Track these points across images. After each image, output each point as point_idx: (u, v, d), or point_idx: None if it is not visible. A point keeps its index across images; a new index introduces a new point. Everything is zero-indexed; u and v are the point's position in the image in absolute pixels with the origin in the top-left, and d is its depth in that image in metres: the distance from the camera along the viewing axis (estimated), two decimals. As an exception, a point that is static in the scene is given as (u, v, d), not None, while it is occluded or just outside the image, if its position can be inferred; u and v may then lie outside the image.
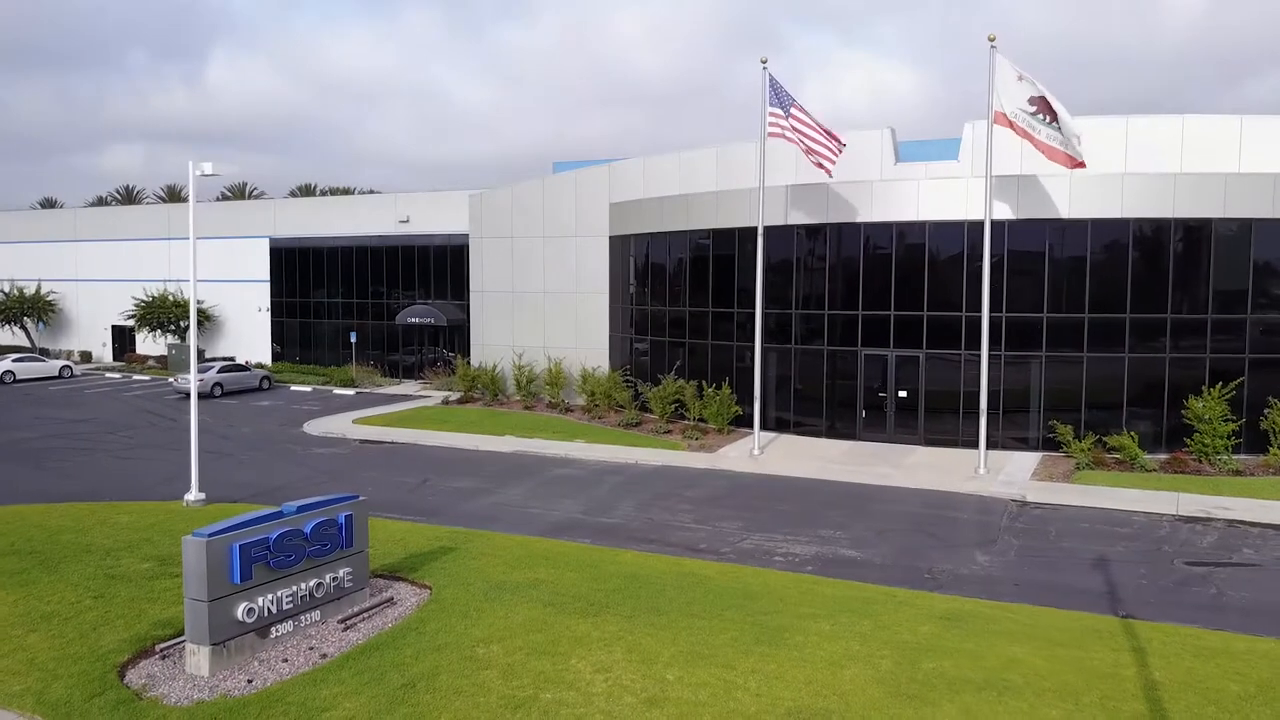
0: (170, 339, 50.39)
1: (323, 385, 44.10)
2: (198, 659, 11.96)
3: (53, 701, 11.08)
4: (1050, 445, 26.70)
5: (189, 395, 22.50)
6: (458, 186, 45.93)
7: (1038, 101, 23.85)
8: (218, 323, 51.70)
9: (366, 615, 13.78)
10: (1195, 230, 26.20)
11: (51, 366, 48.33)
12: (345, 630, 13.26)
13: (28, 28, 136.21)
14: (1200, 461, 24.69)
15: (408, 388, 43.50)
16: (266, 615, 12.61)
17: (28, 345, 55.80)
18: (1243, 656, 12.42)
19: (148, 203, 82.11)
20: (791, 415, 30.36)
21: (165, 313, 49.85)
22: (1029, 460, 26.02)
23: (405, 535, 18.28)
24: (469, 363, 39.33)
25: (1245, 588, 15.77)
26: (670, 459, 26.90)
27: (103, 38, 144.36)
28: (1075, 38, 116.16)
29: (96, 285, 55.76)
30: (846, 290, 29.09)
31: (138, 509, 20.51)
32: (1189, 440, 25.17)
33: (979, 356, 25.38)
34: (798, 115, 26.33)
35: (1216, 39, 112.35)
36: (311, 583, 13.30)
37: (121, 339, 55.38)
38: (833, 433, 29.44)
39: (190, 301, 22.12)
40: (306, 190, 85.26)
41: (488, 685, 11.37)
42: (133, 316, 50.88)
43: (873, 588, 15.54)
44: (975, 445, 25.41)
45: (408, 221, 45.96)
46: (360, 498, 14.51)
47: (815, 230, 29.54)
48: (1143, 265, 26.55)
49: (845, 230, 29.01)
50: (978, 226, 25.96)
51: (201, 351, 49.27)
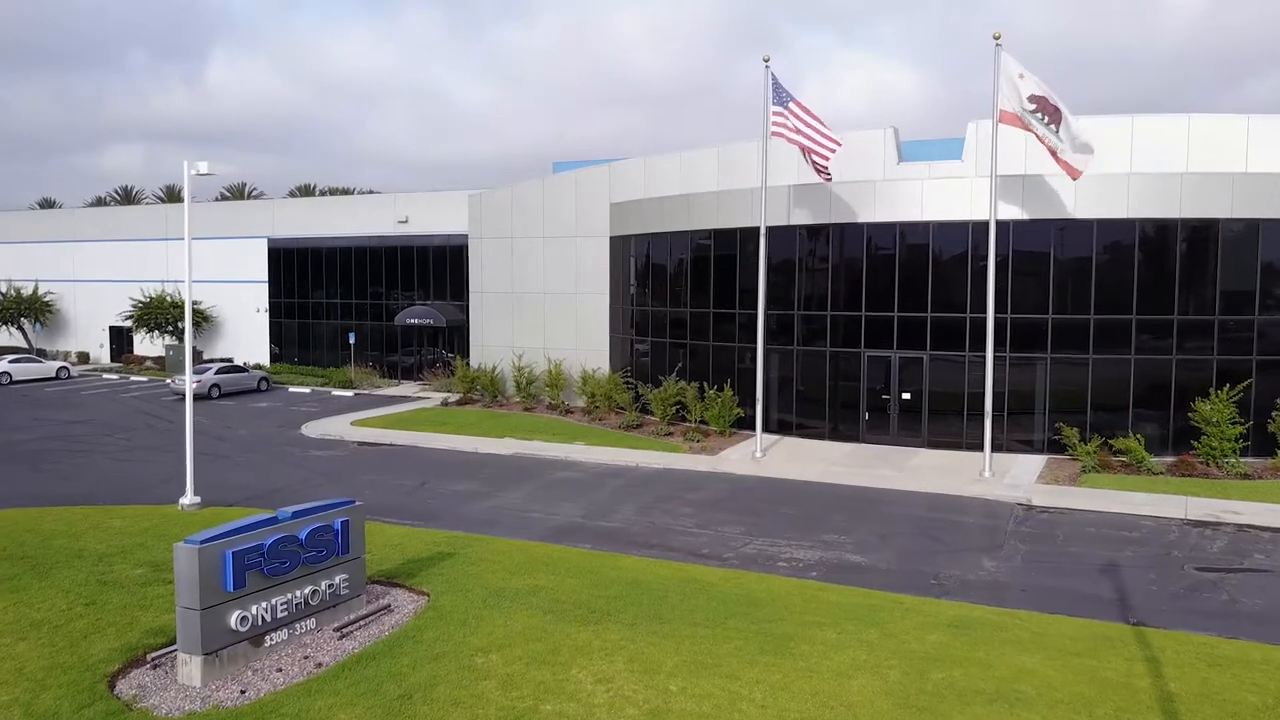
0: (168, 340, 50.08)
1: (321, 386, 43.82)
2: (190, 669, 11.70)
3: (41, 713, 10.81)
4: (1055, 448, 26.43)
5: (192, 395, 22.23)
6: (458, 186, 45.70)
7: (1038, 100, 23.57)
8: (216, 323, 51.40)
9: (363, 623, 13.51)
10: (1202, 230, 25.94)
11: (49, 367, 48.07)
12: (341, 639, 13.00)
13: (28, 28, 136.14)
14: (1208, 464, 24.41)
15: (407, 389, 43.22)
16: (260, 624, 12.35)
17: (25, 346, 55.52)
18: (1259, 666, 12.15)
19: (147, 203, 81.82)
20: (794, 417, 30.08)
21: (163, 313, 49.54)
22: (1034, 463, 25.74)
23: (403, 540, 18.02)
24: (468, 364, 39.04)
25: (1258, 594, 15.49)
26: (671, 462, 26.63)
27: (103, 38, 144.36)
28: (1075, 38, 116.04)
29: (94, 286, 55.48)
30: (849, 291, 28.82)
31: (132, 513, 20.26)
32: (1196, 443, 24.88)
33: (984, 358, 25.10)
34: (796, 111, 26.02)
35: (1216, 39, 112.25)
36: (307, 590, 13.04)
37: (119, 340, 55.09)
38: (835, 435, 29.17)
39: (186, 302, 21.85)
40: (306, 190, 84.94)
41: (486, 696, 11.11)
42: (130, 317, 50.56)
43: (879, 594, 15.27)
44: (979, 448, 25.14)
45: (407, 222, 45.66)
46: (356, 503, 14.26)
47: (818, 230, 29.27)
48: (1148, 266, 26.29)
49: (848, 230, 28.75)
50: (982, 226, 25.70)
51: (199, 352, 48.98)
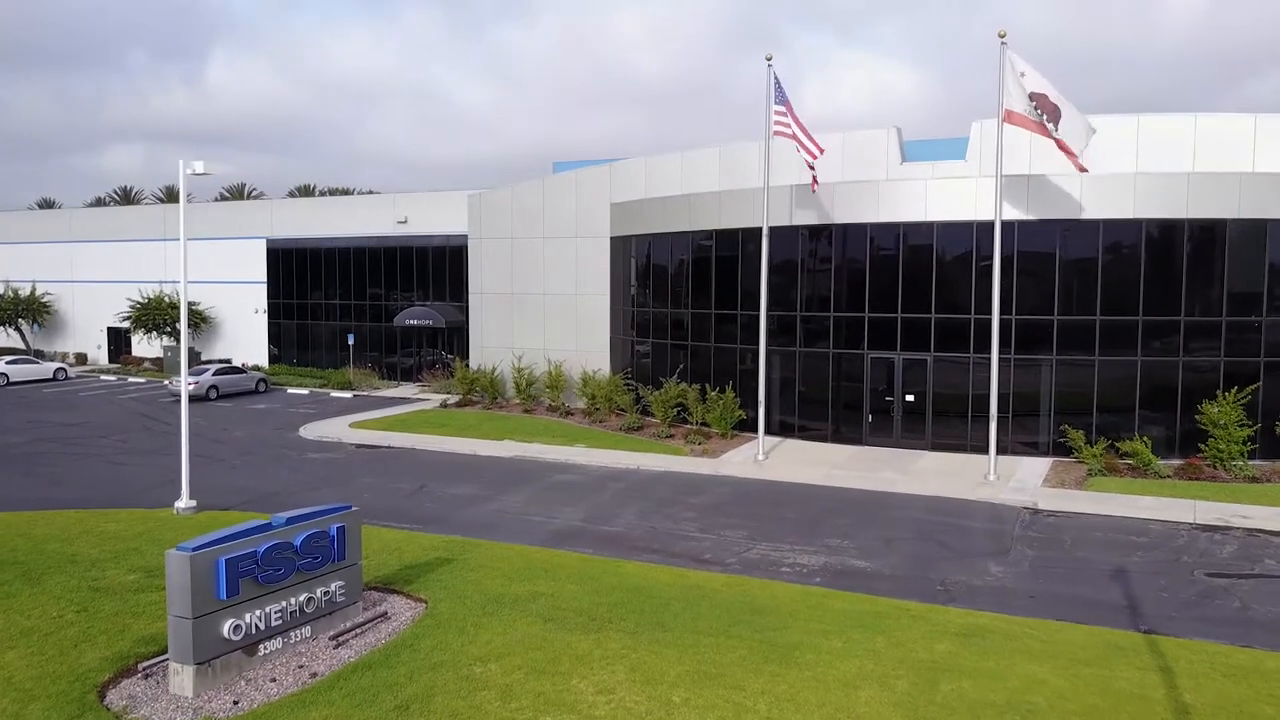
0: (166, 341, 49.80)
1: (320, 388, 43.56)
2: (181, 679, 11.44)
3: (28, 725, 10.56)
4: (1061, 450, 26.16)
5: (188, 397, 21.97)
6: (458, 187, 45.35)
7: (1038, 98, 23.29)
8: (214, 324, 51.13)
9: (359, 631, 13.25)
10: (1209, 231, 25.66)
11: (46, 369, 47.79)
12: (337, 647, 12.72)
13: (28, 28, 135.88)
14: (1215, 468, 24.14)
15: (406, 390, 42.95)
16: (254, 632, 12.08)
17: (23, 347, 55.23)
18: (1275, 676, 11.88)
19: (146, 203, 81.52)
20: (796, 419, 29.80)
21: (161, 314, 49.25)
22: (1039, 466, 25.47)
23: (401, 545, 17.75)
24: (468, 365, 38.76)
25: (1270, 601, 15.22)
26: (673, 464, 26.36)
27: (103, 38, 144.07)
28: (1075, 38, 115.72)
29: (92, 286, 55.21)
30: (852, 292, 28.55)
31: (126, 517, 19.99)
32: (1203, 446, 24.60)
33: (988, 359, 24.83)
34: (793, 116, 25.81)
35: (1217, 39, 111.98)
36: (302, 597, 12.77)
37: (117, 341, 54.80)
38: (838, 437, 28.90)
39: (181, 302, 21.60)
40: (305, 191, 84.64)
41: (485, 708, 10.84)
42: (128, 318, 50.27)
43: (884, 601, 15.00)
44: (984, 450, 24.88)
45: (406, 222, 45.38)
46: (353, 508, 14.00)
47: (820, 231, 29.01)
48: (1155, 266, 26.01)
49: (851, 231, 28.48)
50: (986, 227, 25.44)
51: (198, 354, 48.72)
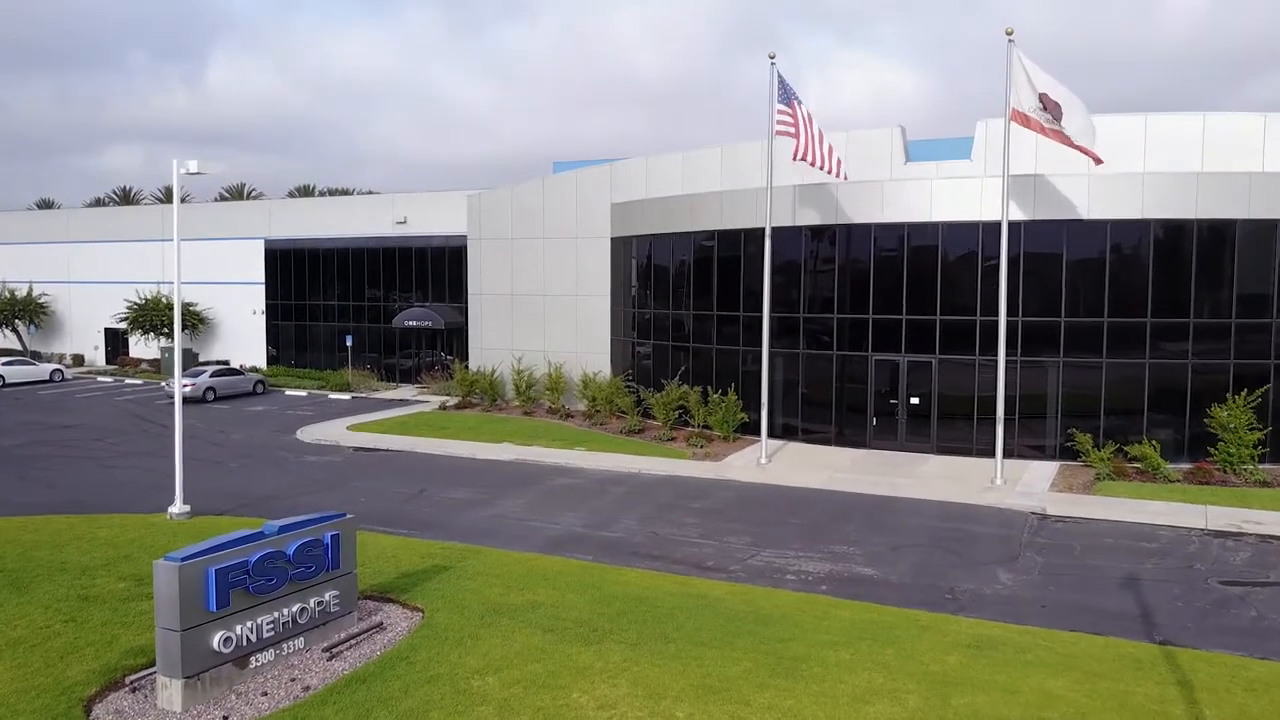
0: (164, 342, 49.39)
1: (318, 390, 43.21)
2: (169, 693, 11.09)
3: (9, 742, 10.22)
4: (1068, 454, 25.81)
5: (182, 400, 21.66)
6: (457, 187, 44.99)
7: (1042, 97, 22.92)
8: (211, 325, 50.79)
9: (354, 642, 12.90)
10: (1218, 231, 25.31)
11: (43, 370, 47.43)
12: (331, 659, 12.38)
13: (28, 28, 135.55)
14: (1225, 472, 23.78)
15: (405, 392, 42.59)
16: (245, 644, 11.74)
17: (19, 348, 54.87)
18: (1296, 690, 11.53)
19: (145, 203, 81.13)
20: (799, 422, 29.45)
21: (158, 315, 48.86)
22: (1047, 470, 25.11)
23: (397, 551, 17.40)
24: (467, 367, 38.43)
25: (1287, 610, 14.87)
26: (675, 468, 26.01)
27: (103, 38, 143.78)
28: (1075, 38, 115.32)
29: (90, 287, 54.85)
30: (856, 293, 28.19)
31: (119, 522, 19.64)
32: (1213, 449, 24.25)
33: (994, 361, 24.49)
34: (801, 113, 25.43)
35: (1217, 39, 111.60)
36: (295, 608, 12.42)
37: (114, 342, 54.45)
38: (842, 440, 28.54)
39: (175, 302, 21.29)
40: (305, 191, 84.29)
41: (482, 724, 10.50)
42: (125, 319, 49.93)
43: (892, 610, 14.64)
44: (990, 454, 24.52)
45: (405, 222, 45.02)
46: (348, 515, 13.64)
47: (824, 231, 28.66)
48: (1163, 267, 25.65)
49: (855, 231, 28.14)
50: (992, 227, 25.09)
51: (195, 355, 48.34)
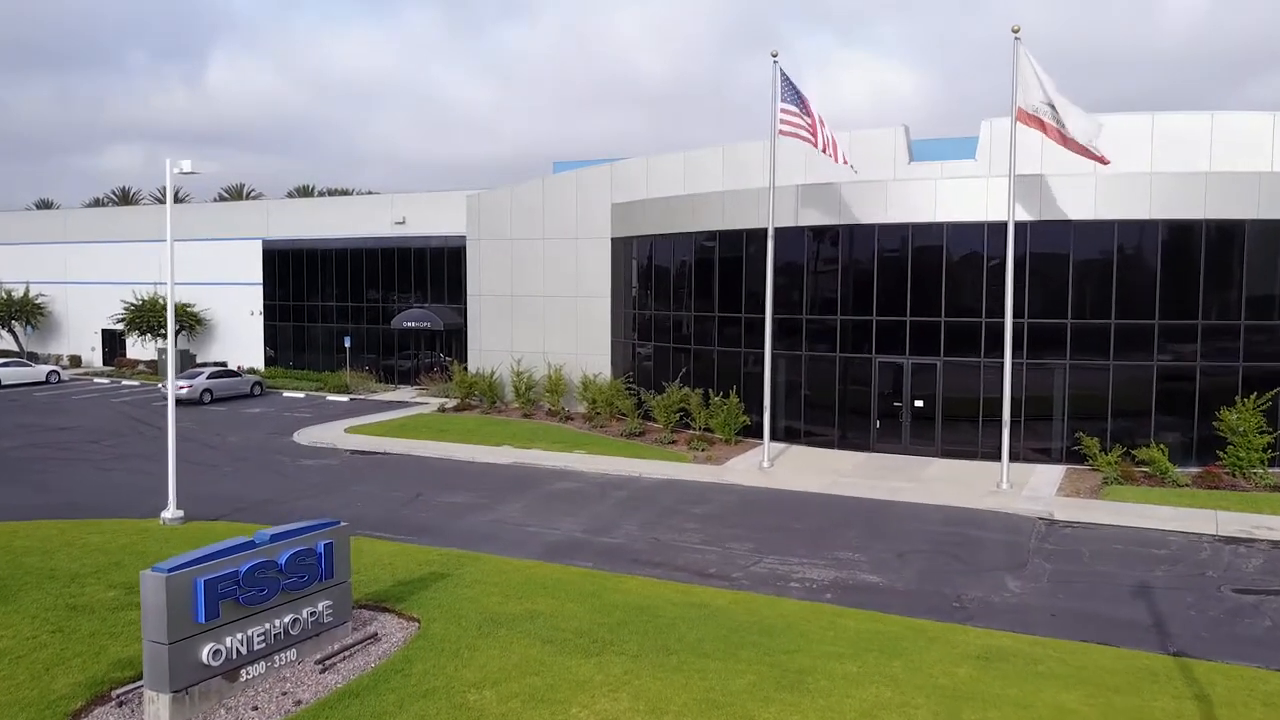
0: (160, 343, 49.09)
1: (316, 391, 42.86)
2: (157, 707, 10.77)
3: (-10, 760, 9.89)
4: (1074, 457, 25.46)
5: (177, 401, 21.34)
6: (457, 187, 44.65)
7: (1051, 101, 22.58)
8: (209, 326, 50.44)
9: (348, 654, 12.57)
10: (1227, 232, 24.97)
11: (39, 371, 47.08)
12: (323, 672, 12.05)
13: (28, 28, 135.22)
14: (1234, 476, 23.45)
15: (403, 394, 42.25)
16: (235, 657, 11.41)
17: (15, 349, 54.52)
18: (1318, 705, 11.20)
19: (144, 204, 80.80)
20: (802, 425, 29.11)
21: (156, 316, 48.52)
22: (1053, 473, 24.77)
23: (393, 558, 17.07)
24: (466, 368, 38.10)
25: (1303, 619, 14.55)
26: (676, 472, 25.67)
27: (103, 38, 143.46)
28: (1075, 38, 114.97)
29: (87, 288, 54.51)
30: (859, 294, 27.85)
31: (111, 528, 19.30)
32: (1222, 453, 23.91)
33: (1000, 363, 24.14)
34: (807, 111, 25.09)
35: (1217, 39, 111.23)
36: (286, 619, 12.09)
37: (111, 343, 54.13)
38: (845, 443, 28.19)
39: (168, 302, 20.99)
40: (305, 191, 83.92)
41: (479, 741, 10.17)
42: (122, 320, 49.59)
43: (899, 620, 14.31)
44: (995, 457, 24.19)
45: (404, 223, 44.68)
46: (341, 523, 13.31)
47: (826, 232, 28.33)
48: (1171, 268, 25.31)
49: (858, 231, 27.80)
50: (996, 228, 24.77)
51: (192, 356, 48.04)
